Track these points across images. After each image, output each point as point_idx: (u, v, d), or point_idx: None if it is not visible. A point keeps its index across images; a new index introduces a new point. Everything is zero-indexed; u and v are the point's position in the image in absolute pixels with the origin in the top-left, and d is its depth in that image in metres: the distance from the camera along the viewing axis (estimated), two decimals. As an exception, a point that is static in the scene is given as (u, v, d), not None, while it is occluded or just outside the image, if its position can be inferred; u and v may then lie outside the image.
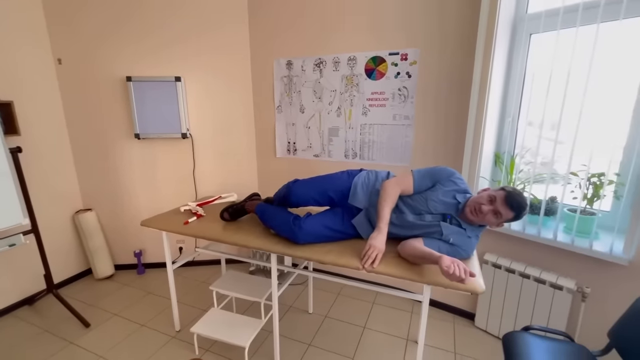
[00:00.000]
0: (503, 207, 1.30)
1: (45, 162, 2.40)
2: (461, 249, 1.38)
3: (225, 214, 1.79)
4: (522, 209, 1.30)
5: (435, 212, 1.42)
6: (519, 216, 1.32)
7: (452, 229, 1.39)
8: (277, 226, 1.58)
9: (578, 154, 1.71)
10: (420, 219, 1.43)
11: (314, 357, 1.84)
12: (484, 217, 1.33)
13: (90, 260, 2.65)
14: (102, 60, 2.41)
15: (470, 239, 1.40)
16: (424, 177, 1.48)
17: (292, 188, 1.60)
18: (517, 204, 1.29)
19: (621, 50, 1.56)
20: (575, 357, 1.32)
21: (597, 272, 1.60)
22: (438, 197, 1.42)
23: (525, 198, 1.32)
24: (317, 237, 1.50)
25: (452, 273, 1.12)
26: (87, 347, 1.91)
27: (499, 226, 1.38)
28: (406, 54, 2.05)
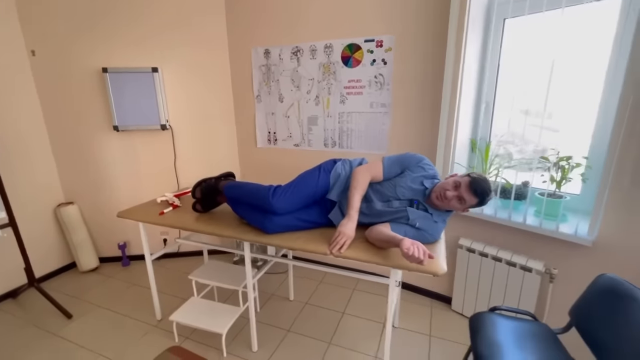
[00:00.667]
0: (467, 193, 1.32)
1: (22, 156, 2.39)
2: (427, 233, 1.41)
3: (198, 206, 1.78)
4: (485, 195, 1.32)
5: (403, 198, 1.43)
6: (482, 202, 1.34)
7: (418, 213, 1.41)
8: (245, 216, 1.60)
9: (550, 138, 1.73)
10: (389, 205, 1.45)
11: (292, 342, 1.88)
12: (448, 202, 1.35)
13: (74, 253, 2.65)
14: (77, 51, 2.38)
15: (437, 223, 1.43)
16: (394, 164, 1.49)
17: (272, 203, 1.47)
18: (480, 190, 1.31)
19: (589, 34, 1.57)
20: (538, 336, 1.36)
21: (564, 253, 1.64)
22: (406, 184, 1.44)
23: (490, 184, 1.34)
24: (287, 227, 1.52)
25: (412, 255, 1.14)
26: (68, 338, 1.93)
27: (465, 211, 1.40)
28: (381, 40, 2.04)
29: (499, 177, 1.91)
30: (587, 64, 1.63)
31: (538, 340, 1.34)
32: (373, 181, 1.49)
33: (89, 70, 2.41)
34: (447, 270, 2.11)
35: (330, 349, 1.83)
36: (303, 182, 1.55)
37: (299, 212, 1.54)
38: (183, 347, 1.59)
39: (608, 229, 1.47)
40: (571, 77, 1.65)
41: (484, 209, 1.88)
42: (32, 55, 2.36)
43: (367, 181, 1.47)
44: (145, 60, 2.43)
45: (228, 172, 1.91)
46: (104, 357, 1.79)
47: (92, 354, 1.81)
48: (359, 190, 1.43)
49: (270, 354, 1.79)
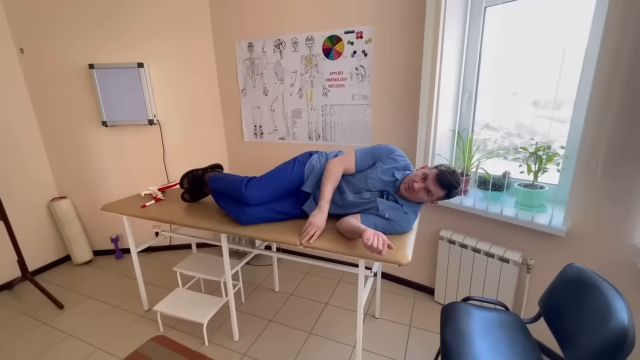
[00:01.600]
0: (434, 186, 1.32)
1: (16, 152, 2.44)
2: (397, 223, 1.41)
3: (186, 195, 1.82)
4: (452, 188, 1.32)
5: (374, 189, 1.44)
6: (449, 195, 1.34)
7: (387, 204, 1.42)
8: (226, 206, 1.62)
9: (533, 129, 1.72)
10: (360, 197, 1.46)
11: (273, 332, 1.92)
12: (416, 194, 1.36)
13: (68, 246, 2.72)
14: (64, 48, 2.41)
15: (407, 214, 1.43)
16: (366, 156, 1.50)
17: (244, 194, 1.49)
18: (447, 182, 1.31)
19: (566, 21, 1.54)
20: (507, 325, 1.37)
21: (540, 244, 1.63)
22: (377, 175, 1.44)
23: (458, 177, 1.34)
24: (261, 219, 1.54)
25: (370, 245, 1.15)
26: (58, 327, 2.00)
27: (433, 203, 1.41)
28: (361, 31, 2.03)
29: (479, 168, 1.90)
30: (567, 52, 1.60)
31: (507, 330, 1.34)
32: (346, 173, 1.50)
33: (76, 66, 2.44)
34: (430, 262, 2.14)
35: (310, 338, 1.86)
36: (277, 174, 1.56)
37: (273, 203, 1.56)
38: (167, 336, 1.64)
39: (580, 219, 1.46)
40: (553, 66, 1.63)
41: (463, 200, 1.88)
42: (21, 53, 2.41)
43: (339, 173, 1.47)
44: (131, 56, 2.46)
45: (216, 163, 1.95)
46: (91, 345, 1.85)
47: (80, 342, 1.87)
48: (331, 182, 1.44)
49: (251, 343, 1.83)
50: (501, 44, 1.79)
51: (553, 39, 1.60)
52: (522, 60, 1.74)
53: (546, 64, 1.64)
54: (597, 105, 1.32)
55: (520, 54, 1.74)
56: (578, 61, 1.51)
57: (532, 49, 1.68)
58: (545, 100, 1.71)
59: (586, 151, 1.37)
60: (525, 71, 1.74)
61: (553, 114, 1.65)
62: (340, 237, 1.40)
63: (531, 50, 1.69)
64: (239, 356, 1.75)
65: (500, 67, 1.82)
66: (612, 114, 1.30)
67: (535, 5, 1.59)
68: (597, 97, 1.31)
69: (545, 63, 1.65)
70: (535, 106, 1.76)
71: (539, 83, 1.70)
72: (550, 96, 1.67)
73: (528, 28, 1.65)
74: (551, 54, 1.62)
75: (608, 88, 1.28)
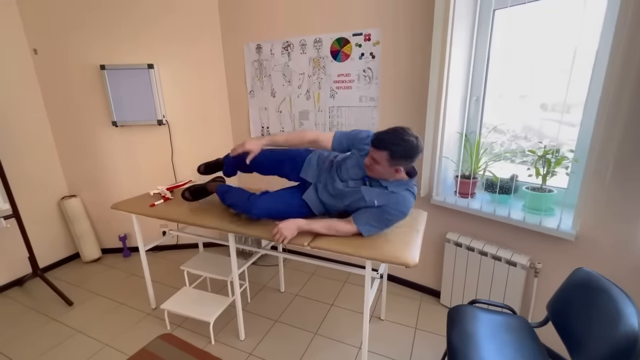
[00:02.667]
0: (374, 152, 1.26)
1: (28, 151, 2.49)
2: (391, 207, 1.35)
3: (186, 194, 1.85)
4: (383, 142, 1.23)
5: (356, 177, 1.44)
6: (392, 151, 1.23)
7: (373, 191, 1.39)
8: (234, 203, 1.64)
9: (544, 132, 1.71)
10: (346, 185, 1.46)
11: (279, 332, 1.93)
12: (372, 170, 1.32)
13: (77, 244, 2.77)
14: (76, 49, 2.46)
15: (396, 194, 1.36)
16: (343, 136, 1.48)
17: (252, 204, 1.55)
18: (377, 140, 1.24)
19: (576, 25, 1.53)
20: (514, 328, 1.36)
21: (548, 248, 1.62)
22: (354, 162, 1.45)
23: (401, 133, 1.23)
24: (270, 210, 1.53)
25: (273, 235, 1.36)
26: (67, 323, 2.03)
27: (397, 173, 1.32)
28: (369, 34, 2.04)
29: (487, 171, 1.89)
30: (575, 55, 1.59)
31: (514, 333, 1.34)
32: (320, 145, 1.49)
33: (88, 67, 2.49)
34: (436, 265, 2.13)
35: (316, 339, 1.87)
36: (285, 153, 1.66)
37: (280, 195, 1.59)
38: (174, 334, 1.66)
39: (590, 224, 1.45)
40: (562, 69, 1.62)
41: (470, 203, 1.87)
42: (35, 53, 2.46)
43: (310, 137, 1.48)
44: (142, 58, 2.49)
45: (217, 175, 2.02)
46: (99, 342, 1.87)
47: (89, 338, 1.90)
48: (291, 135, 1.52)
49: (257, 343, 1.84)
50: (509, 47, 1.79)
51: (562, 41, 1.59)
52: (531, 63, 1.74)
53: (555, 67, 1.64)
54: (608, 108, 1.31)
55: (528, 57, 1.74)
56: (588, 64, 1.50)
57: (541, 52, 1.67)
58: (553, 103, 1.70)
59: (596, 155, 1.37)
60: (533, 74, 1.74)
61: (562, 117, 1.64)
62: (347, 239, 1.41)
63: (540, 53, 1.68)
64: (245, 355, 1.76)
65: (508, 70, 1.81)
66: (623, 117, 1.29)
67: (544, 8, 1.58)
68: (608, 100, 1.30)
69: (554, 66, 1.64)
70: (543, 109, 1.75)
71: (547, 86, 1.70)
72: (559, 99, 1.66)
73: (537, 31, 1.65)
74: (560, 57, 1.61)
75: (619, 91, 1.28)
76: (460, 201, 1.91)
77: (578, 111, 1.59)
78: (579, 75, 1.54)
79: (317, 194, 1.54)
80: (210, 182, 1.93)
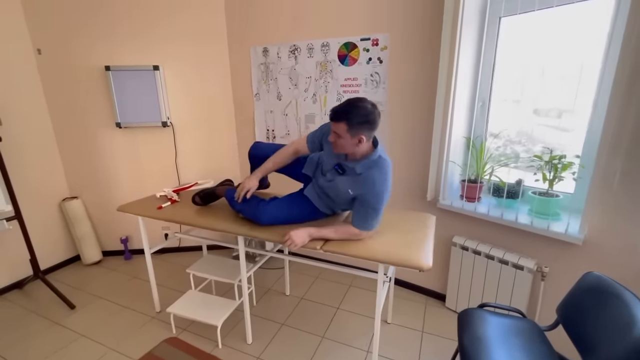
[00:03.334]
0: (334, 126, 1.26)
1: (29, 151, 2.46)
2: (367, 195, 1.33)
3: (197, 198, 1.84)
4: (338, 112, 1.23)
5: (330, 167, 1.46)
6: (349, 119, 1.22)
7: (345, 180, 1.40)
8: (243, 208, 1.64)
9: (546, 138, 1.74)
10: (325, 180, 1.49)
11: (286, 336, 1.92)
12: (337, 145, 1.31)
13: (78, 246, 2.73)
14: (81, 49, 2.44)
15: (361, 174, 1.34)
16: (313, 136, 1.52)
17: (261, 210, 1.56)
18: (333, 113, 1.24)
19: (582, 33, 1.57)
20: (524, 332, 1.38)
21: (555, 252, 1.64)
22: (326, 151, 1.48)
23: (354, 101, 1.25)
24: (279, 218, 1.55)
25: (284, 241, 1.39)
26: (70, 327, 2.00)
27: (359, 144, 1.28)
28: (377, 39, 2.06)
29: (493, 176, 1.91)
30: (582, 62, 1.62)
31: (524, 336, 1.35)
32: (300, 153, 1.58)
33: (93, 68, 2.47)
34: (442, 268, 2.14)
35: (323, 342, 1.87)
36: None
37: (289, 201, 1.61)
38: (180, 338, 1.64)
39: (598, 228, 1.47)
40: (567, 76, 1.65)
41: (477, 207, 1.89)
42: (39, 53, 2.43)
43: (289, 152, 1.57)
44: (147, 59, 2.48)
45: (226, 179, 2.03)
46: (104, 346, 1.85)
47: (93, 342, 1.87)
48: (274, 158, 1.59)
49: (265, 347, 1.83)
50: (515, 53, 1.82)
51: (569, 46, 1.61)
52: (536, 69, 1.76)
53: (560, 73, 1.66)
54: (616, 114, 1.33)
55: (534, 63, 1.77)
56: (594, 70, 1.54)
57: (547, 58, 1.70)
58: (559, 109, 1.73)
59: (604, 160, 1.39)
60: (539, 80, 1.77)
61: (568, 123, 1.67)
62: (359, 242, 1.42)
63: (546, 59, 1.71)
64: (252, 359, 1.75)
65: (514, 76, 1.84)
66: (631, 123, 1.32)
67: (552, 14, 1.61)
68: (616, 105, 1.33)
69: (560, 72, 1.67)
70: (547, 115, 1.78)
71: (552, 92, 1.72)
72: (564, 106, 1.69)
73: (543, 37, 1.67)
74: (566, 63, 1.64)
75: (627, 96, 1.30)
76: (468, 205, 1.93)
77: (583, 118, 1.62)
78: (585, 81, 1.58)
79: (314, 188, 1.58)
80: (219, 186, 1.92)
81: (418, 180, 2.15)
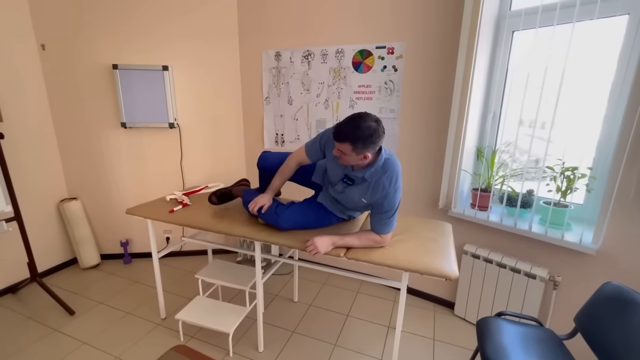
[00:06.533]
0: (338, 144, 1.24)
1: (28, 149, 2.37)
2: (380, 199, 1.34)
3: (213, 198, 1.81)
4: (342, 134, 1.20)
5: (337, 178, 1.45)
6: (353, 142, 1.19)
7: (356, 190, 1.40)
8: (262, 214, 1.61)
9: (555, 149, 1.78)
10: (335, 191, 1.49)
11: (297, 344, 1.89)
12: (343, 160, 1.30)
13: (76, 249, 2.63)
14: (86, 46, 2.38)
15: (371, 181, 1.34)
16: (314, 144, 1.49)
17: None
18: (337, 133, 1.22)
19: (595, 49, 1.62)
20: (544, 341, 1.39)
21: (568, 261, 1.68)
22: (330, 164, 1.47)
23: (356, 121, 1.20)
24: (297, 222, 1.54)
25: (306, 247, 1.38)
26: (71, 334, 1.92)
27: (365, 160, 1.27)
28: (392, 47, 2.08)
29: (504, 185, 1.95)
30: (591, 77, 1.68)
31: (544, 345, 1.37)
32: (303, 164, 1.57)
33: (99, 66, 2.41)
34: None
35: (336, 350, 1.84)
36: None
37: (307, 205, 1.60)
38: (188, 346, 1.59)
39: (612, 238, 1.51)
40: (577, 90, 1.70)
41: (490, 216, 1.92)
42: (42, 49, 2.36)
43: (290, 165, 1.57)
44: (155, 58, 2.44)
45: (242, 178, 2.01)
46: (109, 354, 1.77)
47: (97, 350, 1.80)
48: (280, 174, 1.58)
49: (277, 355, 1.80)
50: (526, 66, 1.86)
51: (581, 59, 1.65)
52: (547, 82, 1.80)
53: (571, 86, 1.70)
54: (632, 128, 1.38)
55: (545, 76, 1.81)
56: (604, 88, 1.59)
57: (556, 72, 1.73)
58: (567, 121, 1.77)
59: (620, 173, 1.43)
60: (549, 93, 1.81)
61: (577, 136, 1.72)
62: (381, 250, 1.41)
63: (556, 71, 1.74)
64: (265, 368, 1.71)
65: (523, 88, 1.88)
66: (646, 139, 1.36)
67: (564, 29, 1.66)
68: (632, 120, 1.37)
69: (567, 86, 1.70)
70: (555, 128, 1.82)
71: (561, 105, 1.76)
72: (573, 118, 1.73)
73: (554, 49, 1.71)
74: (574, 77, 1.67)
75: (644, 115, 1.35)
76: (480, 214, 1.95)
77: (592, 130, 1.66)
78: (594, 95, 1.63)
79: (327, 196, 1.59)
80: (235, 186, 1.89)
81: (429, 188, 2.17)
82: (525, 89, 1.75)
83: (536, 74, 1.73)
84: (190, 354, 1.40)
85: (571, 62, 1.58)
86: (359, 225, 1.68)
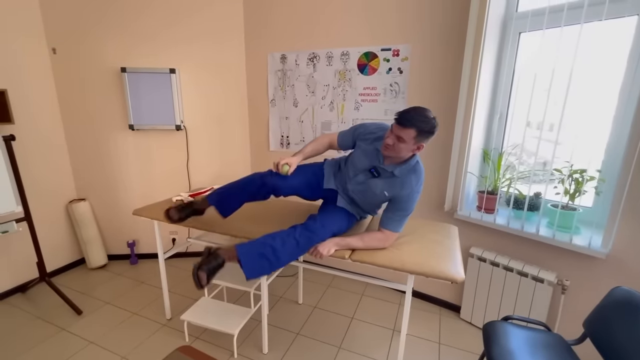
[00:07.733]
0: (399, 130, 1.25)
1: (38, 151, 2.42)
2: (403, 196, 1.37)
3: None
4: (415, 120, 1.23)
5: (362, 167, 1.45)
6: (421, 129, 1.24)
7: (381, 183, 1.41)
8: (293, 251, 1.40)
9: (563, 152, 1.76)
10: (356, 181, 1.48)
11: (302, 346, 1.89)
12: (393, 148, 1.29)
13: (84, 249, 2.67)
14: (95, 49, 2.42)
15: (399, 177, 1.37)
16: (347, 133, 1.55)
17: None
18: (408, 119, 1.23)
19: (603, 50, 1.60)
20: (552, 346, 1.37)
21: (577, 265, 1.65)
22: (359, 154, 1.47)
23: (424, 111, 1.26)
24: (333, 233, 1.48)
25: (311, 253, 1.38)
26: (78, 334, 1.94)
27: (419, 150, 1.31)
28: (398, 50, 2.08)
29: (511, 187, 1.93)
30: (600, 78, 1.66)
31: (552, 350, 1.35)
32: (333, 146, 1.59)
33: (107, 69, 2.45)
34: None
35: (341, 353, 1.84)
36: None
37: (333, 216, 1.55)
38: (193, 347, 1.60)
39: (622, 242, 1.48)
40: (585, 91, 1.68)
41: (496, 219, 1.90)
42: (53, 53, 2.41)
43: (324, 140, 1.58)
44: (162, 61, 2.47)
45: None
46: (115, 354, 1.79)
47: (103, 350, 1.82)
48: (313, 143, 1.58)
49: (281, 356, 1.79)
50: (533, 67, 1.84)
51: (589, 60, 1.63)
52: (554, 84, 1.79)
53: (579, 87, 1.68)
54: None
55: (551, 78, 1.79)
56: (613, 90, 1.57)
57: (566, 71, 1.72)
58: (575, 123, 1.74)
59: (630, 175, 1.41)
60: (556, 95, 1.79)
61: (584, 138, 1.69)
62: (387, 252, 1.41)
63: (564, 72, 1.73)
64: (270, 370, 1.71)
65: (530, 90, 1.86)
66: (657, 141, 1.34)
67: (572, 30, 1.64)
68: None
69: (579, 86, 1.68)
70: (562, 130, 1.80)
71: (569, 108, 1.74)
72: (581, 121, 1.71)
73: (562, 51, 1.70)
74: (586, 77, 1.66)
75: (654, 117, 1.33)
76: (487, 217, 1.93)
77: (602, 133, 1.64)
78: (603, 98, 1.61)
79: (343, 197, 1.57)
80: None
81: (435, 190, 2.15)
82: (533, 90, 1.73)
83: (543, 75, 1.71)
84: (195, 354, 1.41)
85: (579, 64, 1.56)
86: (364, 227, 1.67)
